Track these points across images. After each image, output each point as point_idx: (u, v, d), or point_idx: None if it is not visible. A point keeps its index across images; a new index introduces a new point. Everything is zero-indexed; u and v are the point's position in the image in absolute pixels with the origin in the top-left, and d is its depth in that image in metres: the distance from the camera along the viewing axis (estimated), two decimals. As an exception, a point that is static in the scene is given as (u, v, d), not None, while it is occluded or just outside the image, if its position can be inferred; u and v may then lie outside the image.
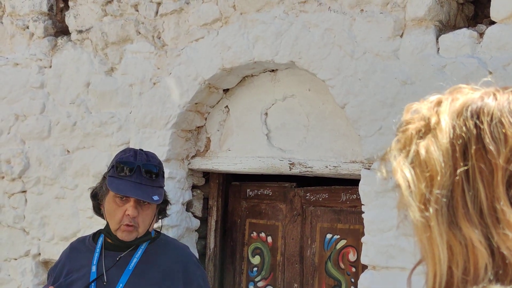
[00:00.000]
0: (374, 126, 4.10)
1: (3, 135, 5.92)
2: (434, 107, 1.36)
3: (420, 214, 1.28)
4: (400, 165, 1.33)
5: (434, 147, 1.29)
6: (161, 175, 3.80)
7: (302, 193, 4.88)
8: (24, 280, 5.75)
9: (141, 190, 3.62)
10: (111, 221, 3.71)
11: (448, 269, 1.26)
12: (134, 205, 3.64)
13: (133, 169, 3.67)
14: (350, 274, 4.60)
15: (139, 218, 3.66)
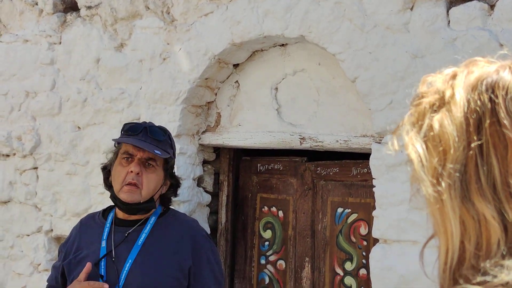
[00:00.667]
0: (385, 100, 4.08)
1: (14, 112, 5.93)
2: (449, 81, 1.34)
3: (432, 189, 1.27)
4: (412, 140, 1.32)
5: (448, 121, 1.28)
6: (168, 143, 3.83)
7: (313, 168, 4.88)
8: (37, 256, 5.78)
9: (144, 144, 3.67)
10: (115, 182, 3.74)
11: (460, 244, 1.25)
12: (138, 163, 3.68)
13: (140, 129, 3.72)
14: (362, 248, 4.61)
15: (143, 178, 3.68)
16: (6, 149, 5.92)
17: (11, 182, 5.95)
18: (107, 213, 3.93)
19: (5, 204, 6.00)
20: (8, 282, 5.98)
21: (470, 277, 1.23)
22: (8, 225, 5.96)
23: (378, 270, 4.08)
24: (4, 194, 5.96)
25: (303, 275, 4.86)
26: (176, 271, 3.62)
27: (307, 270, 4.84)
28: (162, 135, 3.79)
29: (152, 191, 3.74)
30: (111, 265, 3.63)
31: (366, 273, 4.53)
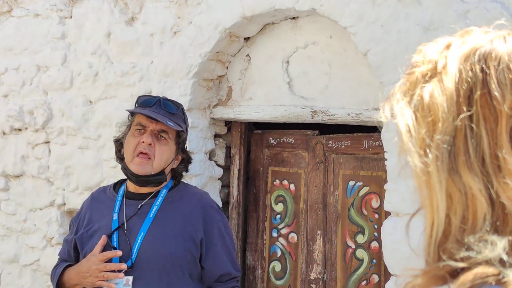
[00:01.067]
0: (397, 73, 4.07)
1: (26, 86, 5.94)
2: (443, 51, 1.32)
3: (419, 160, 1.25)
4: (402, 110, 1.30)
5: (438, 91, 1.27)
6: (180, 116, 3.83)
7: (325, 141, 4.89)
8: (50, 229, 5.81)
9: (157, 116, 3.69)
10: (126, 153, 3.76)
11: (446, 217, 1.24)
12: (150, 134, 3.69)
13: (154, 101, 3.74)
14: (373, 221, 4.62)
15: (155, 150, 3.69)
16: (18, 123, 5.93)
17: (23, 156, 5.97)
18: (118, 186, 3.95)
19: (17, 178, 6.03)
20: (22, 256, 6.02)
21: (454, 252, 1.23)
22: (21, 199, 5.99)
23: (390, 243, 4.10)
24: (17, 168, 5.98)
25: (315, 248, 4.88)
26: (188, 243, 3.64)
27: (319, 243, 4.86)
28: (175, 108, 3.80)
29: (163, 164, 3.75)
30: (124, 238, 3.65)
31: (378, 246, 4.55)
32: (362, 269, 4.65)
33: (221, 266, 3.72)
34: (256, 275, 5.22)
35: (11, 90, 6.03)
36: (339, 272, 4.76)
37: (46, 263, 5.79)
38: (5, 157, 6.06)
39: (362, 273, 4.65)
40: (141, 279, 3.54)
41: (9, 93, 6.05)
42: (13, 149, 6.02)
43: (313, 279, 4.88)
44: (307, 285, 4.92)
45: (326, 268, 4.83)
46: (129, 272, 3.56)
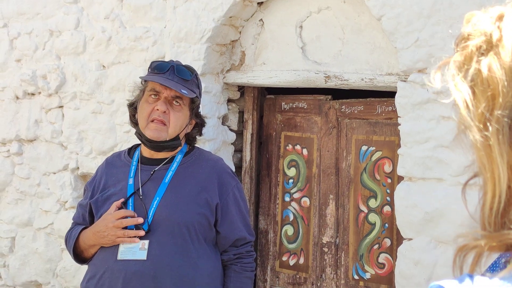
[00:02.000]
0: (411, 38, 4.07)
1: (38, 50, 5.95)
2: (496, 22, 1.30)
3: (479, 134, 1.24)
4: (458, 84, 1.29)
5: (496, 65, 1.24)
6: (194, 82, 3.83)
7: (338, 106, 4.89)
8: (63, 193, 5.85)
9: (171, 83, 3.69)
10: (141, 118, 3.77)
11: (507, 188, 1.25)
12: (165, 101, 3.70)
13: (168, 67, 3.74)
14: (386, 185, 4.64)
15: (170, 116, 3.70)
16: (31, 88, 5.95)
17: (36, 121, 5.99)
18: (132, 151, 3.97)
19: (31, 142, 6.06)
20: (35, 219, 6.07)
21: None
22: (35, 163, 6.03)
23: (402, 208, 4.12)
24: (30, 132, 6.01)
25: (327, 212, 4.91)
26: (203, 208, 3.67)
27: (331, 207, 4.89)
28: (189, 74, 3.80)
29: (178, 130, 3.77)
30: (139, 202, 3.67)
31: (390, 210, 4.58)
32: (374, 233, 4.69)
33: (236, 231, 3.75)
34: (269, 239, 5.26)
35: (24, 54, 6.05)
36: (351, 236, 4.79)
37: (60, 226, 5.84)
38: (18, 122, 6.09)
39: (374, 237, 4.69)
40: (157, 243, 3.57)
41: (22, 57, 6.07)
42: (26, 113, 6.05)
43: (325, 243, 4.92)
44: (319, 248, 4.95)
45: (338, 232, 4.86)
46: (144, 236, 3.59)
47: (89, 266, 3.77)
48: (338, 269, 4.86)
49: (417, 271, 4.07)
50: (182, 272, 3.56)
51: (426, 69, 4.02)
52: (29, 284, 6.18)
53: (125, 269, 3.54)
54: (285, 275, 5.17)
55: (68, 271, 5.83)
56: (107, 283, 3.58)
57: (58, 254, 5.95)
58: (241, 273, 3.78)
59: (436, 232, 4.01)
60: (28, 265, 6.14)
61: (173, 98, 3.73)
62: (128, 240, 3.56)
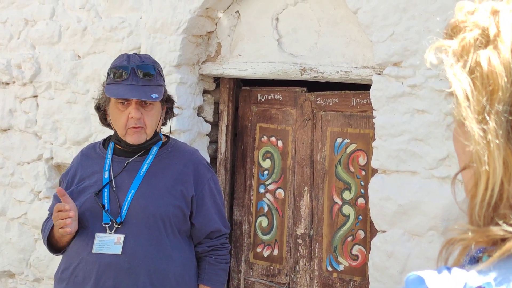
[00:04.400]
0: (386, 31, 4.10)
1: (13, 40, 5.92)
2: (490, 16, 1.31)
3: (477, 126, 1.25)
4: (458, 75, 1.30)
5: (496, 60, 1.25)
6: (158, 73, 3.73)
7: (313, 98, 4.91)
8: (37, 183, 5.83)
9: (139, 91, 3.59)
10: (117, 128, 3.71)
11: (500, 183, 1.26)
12: (136, 107, 3.62)
13: (128, 72, 3.63)
14: (360, 178, 4.67)
15: (145, 119, 3.65)
16: (5, 77, 5.92)
17: (11, 110, 5.97)
18: (107, 143, 3.94)
19: (5, 131, 6.03)
20: (9, 209, 6.05)
21: (507, 217, 1.25)
22: (9, 153, 6.00)
23: (376, 200, 4.15)
24: (4, 121, 5.98)
25: (302, 204, 4.93)
26: (179, 200, 3.66)
27: (305, 199, 4.91)
28: (152, 68, 3.70)
29: (155, 127, 3.74)
30: (113, 195, 3.66)
31: (364, 203, 4.60)
32: (348, 225, 4.71)
33: (211, 223, 3.75)
34: (243, 230, 5.28)
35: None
36: (326, 227, 4.81)
37: (34, 216, 5.83)
38: (-8, 111, 6.07)
39: (348, 229, 4.72)
40: (131, 235, 3.56)
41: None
42: (0, 102, 6.02)
43: (299, 235, 4.94)
44: (293, 240, 4.98)
45: (312, 224, 4.88)
46: (119, 230, 3.58)
47: (63, 257, 3.75)
48: (312, 261, 4.88)
49: (390, 263, 4.10)
50: (156, 264, 3.56)
51: (401, 63, 4.05)
52: (2, 274, 6.15)
53: (99, 260, 3.53)
54: (259, 266, 5.19)
55: (42, 261, 5.82)
56: (81, 274, 3.57)
57: (32, 244, 5.93)
58: (216, 265, 3.79)
59: (410, 224, 4.05)
60: (1, 254, 6.11)
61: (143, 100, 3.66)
62: (60, 223, 3.49)
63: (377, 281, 4.18)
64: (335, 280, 4.78)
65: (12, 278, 6.16)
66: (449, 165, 3.93)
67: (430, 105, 3.96)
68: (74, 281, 3.60)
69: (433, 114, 3.95)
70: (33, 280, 5.99)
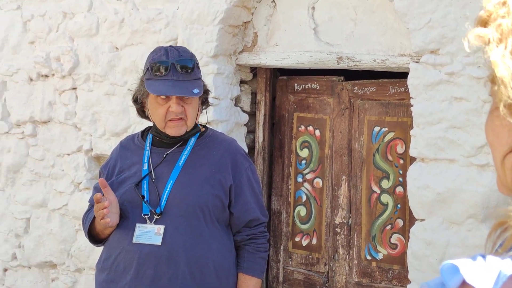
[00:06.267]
0: (423, 19, 4.07)
1: (52, 33, 5.97)
2: None
3: None
4: (503, 57, 1.29)
5: None
6: (196, 66, 3.74)
7: (350, 87, 4.90)
8: (77, 174, 5.89)
9: (180, 87, 3.60)
10: (156, 120, 3.72)
11: None
12: (177, 102, 3.62)
13: (168, 67, 3.64)
14: (398, 166, 4.65)
15: (186, 112, 3.65)
16: (45, 70, 5.98)
17: (50, 103, 6.02)
18: (145, 134, 3.96)
19: (45, 124, 6.09)
20: (50, 201, 6.11)
21: None
22: (49, 145, 6.06)
23: (415, 188, 4.14)
24: (44, 114, 6.04)
25: (340, 193, 4.93)
26: (218, 190, 3.68)
27: (344, 188, 4.91)
28: (190, 62, 3.70)
29: (195, 118, 3.76)
30: (152, 186, 3.69)
31: (402, 191, 4.59)
32: (387, 213, 4.70)
33: (250, 212, 3.76)
34: (282, 220, 5.29)
35: (37, 37, 6.07)
36: (364, 216, 4.81)
37: (74, 207, 5.88)
38: (32, 104, 6.13)
39: (386, 218, 4.70)
40: (171, 225, 3.59)
41: (35, 40, 6.09)
42: (40, 95, 6.08)
43: (338, 224, 4.94)
44: (332, 229, 4.98)
45: (351, 213, 4.88)
46: (158, 220, 3.60)
47: (104, 247, 3.79)
48: (350, 250, 4.88)
49: (429, 251, 4.09)
50: (195, 253, 3.58)
51: (439, 50, 4.03)
52: (44, 265, 6.23)
53: (140, 250, 3.56)
54: (298, 255, 5.20)
55: (83, 251, 5.88)
56: (122, 263, 3.61)
57: (73, 235, 6.00)
58: (255, 254, 3.80)
59: (448, 212, 4.03)
60: (43, 245, 6.19)
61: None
62: (100, 214, 3.52)
63: (416, 270, 4.17)
64: (374, 269, 4.77)
65: (54, 268, 6.24)
66: (488, 153, 3.90)
67: (468, 93, 3.93)
68: (115, 270, 3.64)
69: (471, 102, 3.93)
70: (74, 271, 6.06)
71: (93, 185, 4.33)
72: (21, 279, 6.44)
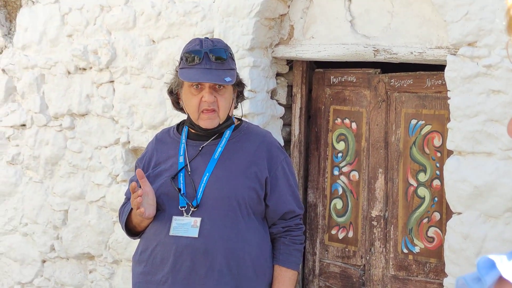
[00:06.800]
0: (461, 11, 4.04)
1: (89, 26, 6.01)
2: None
3: None
4: None
5: None
6: (230, 57, 3.76)
7: (387, 79, 4.87)
8: (115, 167, 5.93)
9: (212, 75, 3.63)
10: (190, 111, 3.75)
11: None
12: (209, 91, 3.65)
13: (201, 56, 3.67)
14: (435, 159, 4.62)
15: (218, 102, 3.68)
16: (82, 62, 6.03)
17: (88, 95, 6.07)
18: (181, 127, 3.99)
19: (83, 116, 6.14)
20: (88, 193, 6.17)
21: None
22: (87, 137, 6.11)
23: (452, 182, 4.12)
24: (82, 107, 6.09)
25: (377, 186, 4.91)
26: (253, 182, 3.69)
27: (380, 181, 4.89)
28: (223, 52, 3.74)
29: (228, 110, 3.77)
30: (188, 179, 3.71)
31: (439, 184, 4.56)
32: (424, 207, 4.68)
33: (285, 204, 3.77)
34: (318, 213, 5.29)
35: (75, 30, 6.12)
36: (401, 210, 4.79)
37: (112, 199, 5.94)
38: (70, 96, 6.18)
39: (423, 211, 4.68)
40: (208, 218, 3.61)
41: (73, 33, 6.14)
42: (78, 88, 6.13)
43: (374, 217, 4.93)
44: (368, 222, 4.96)
45: (387, 206, 4.86)
46: (195, 213, 3.63)
47: (141, 239, 3.83)
48: (387, 243, 4.87)
49: (466, 245, 4.07)
50: (232, 245, 3.60)
51: (476, 43, 3.99)
52: (81, 256, 6.29)
53: (176, 243, 3.59)
54: (334, 248, 5.19)
55: (120, 243, 5.93)
56: (159, 256, 3.64)
57: (110, 227, 6.05)
58: (290, 246, 3.80)
59: (486, 206, 4.00)
60: (80, 237, 6.25)
61: (216, 84, 3.69)
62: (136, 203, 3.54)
63: (453, 263, 4.15)
64: (411, 262, 4.75)
65: (91, 260, 6.30)
66: (526, 146, 3.87)
67: (506, 85, 3.90)
68: (153, 262, 3.68)
69: (509, 94, 3.89)
70: (111, 262, 6.11)
71: (129, 177, 4.37)
72: (59, 271, 6.51)
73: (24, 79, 6.48)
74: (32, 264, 6.68)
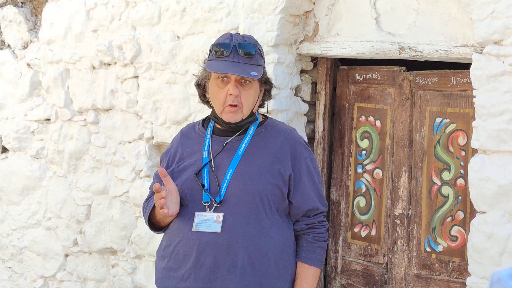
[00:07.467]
0: (487, 9, 4.02)
1: (114, 21, 6.03)
2: None
3: None
4: None
5: None
6: (259, 54, 3.77)
7: (412, 77, 4.86)
8: (139, 162, 5.95)
9: (239, 67, 3.63)
10: (215, 104, 3.76)
11: None
12: (235, 84, 3.66)
13: (229, 50, 3.68)
14: (460, 158, 4.60)
15: (242, 97, 3.68)
16: (107, 58, 6.05)
17: (112, 91, 6.09)
18: (206, 123, 3.99)
19: (107, 111, 6.17)
20: (111, 187, 6.19)
21: None
22: (111, 132, 6.13)
23: (476, 181, 4.09)
24: (106, 102, 6.12)
25: (400, 184, 4.90)
26: (277, 179, 3.68)
27: (404, 179, 4.87)
28: (252, 47, 3.74)
29: (251, 107, 3.76)
30: (212, 174, 3.71)
31: (463, 183, 4.54)
32: (447, 205, 4.66)
33: (309, 201, 3.75)
34: (341, 210, 5.28)
35: (100, 25, 6.14)
36: (424, 208, 4.77)
37: (135, 194, 5.96)
38: (95, 91, 6.21)
39: (447, 210, 4.66)
40: (230, 214, 3.60)
41: (98, 28, 6.16)
42: (102, 83, 6.15)
43: (397, 215, 4.91)
44: (391, 220, 4.95)
45: (411, 204, 4.84)
46: (218, 209, 3.62)
47: (165, 235, 3.83)
48: (410, 241, 4.85)
49: (490, 244, 4.04)
50: (255, 242, 3.60)
51: (502, 41, 3.97)
52: (104, 251, 6.32)
53: (199, 238, 3.59)
54: (357, 246, 5.18)
55: (143, 238, 5.94)
56: (182, 251, 3.64)
57: (133, 222, 6.07)
58: (314, 243, 3.79)
59: (510, 205, 3.98)
60: (103, 232, 6.27)
61: (242, 78, 3.70)
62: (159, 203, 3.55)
63: (476, 263, 4.13)
64: (434, 261, 4.73)
65: (114, 254, 6.32)
66: (552, 146, 3.84)
67: (532, 84, 3.88)
68: (175, 258, 3.68)
69: (534, 94, 3.87)
70: (134, 257, 6.13)
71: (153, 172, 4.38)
72: (82, 265, 6.55)
73: (49, 73, 6.52)
74: (55, 258, 6.72)
